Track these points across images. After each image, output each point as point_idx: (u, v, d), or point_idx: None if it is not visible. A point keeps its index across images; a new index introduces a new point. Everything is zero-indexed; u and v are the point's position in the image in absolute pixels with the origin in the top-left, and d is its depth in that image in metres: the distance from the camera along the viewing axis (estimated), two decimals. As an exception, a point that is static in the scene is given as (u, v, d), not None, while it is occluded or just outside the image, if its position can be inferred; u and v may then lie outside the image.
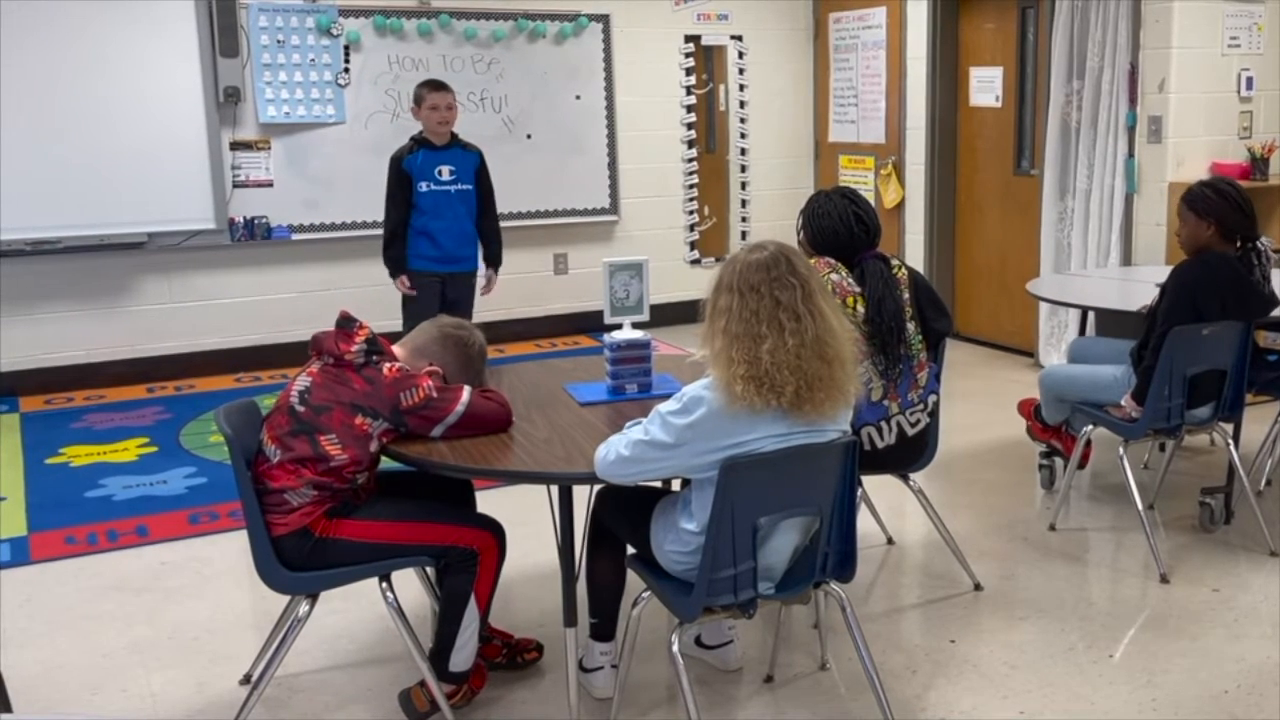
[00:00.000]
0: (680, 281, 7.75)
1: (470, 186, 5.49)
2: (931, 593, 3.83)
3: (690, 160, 8.20)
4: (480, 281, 5.67)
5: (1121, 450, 4.05)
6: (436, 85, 5.42)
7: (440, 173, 5.40)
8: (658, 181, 8.09)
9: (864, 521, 3.49)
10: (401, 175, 5.37)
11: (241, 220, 6.85)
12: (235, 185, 6.82)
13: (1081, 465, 4.41)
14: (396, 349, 3.05)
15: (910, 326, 3.51)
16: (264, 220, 6.91)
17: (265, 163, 6.90)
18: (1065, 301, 5.08)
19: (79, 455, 5.48)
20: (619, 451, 2.62)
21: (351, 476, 2.90)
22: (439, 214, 5.42)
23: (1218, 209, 3.91)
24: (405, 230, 5.42)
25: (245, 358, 7.05)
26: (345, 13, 6.96)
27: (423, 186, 5.38)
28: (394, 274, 5.48)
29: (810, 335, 2.53)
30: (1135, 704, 3.08)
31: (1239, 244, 3.98)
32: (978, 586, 3.81)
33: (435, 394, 2.89)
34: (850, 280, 3.46)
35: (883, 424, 3.53)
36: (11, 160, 6.17)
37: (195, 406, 6.28)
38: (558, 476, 2.83)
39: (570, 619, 2.94)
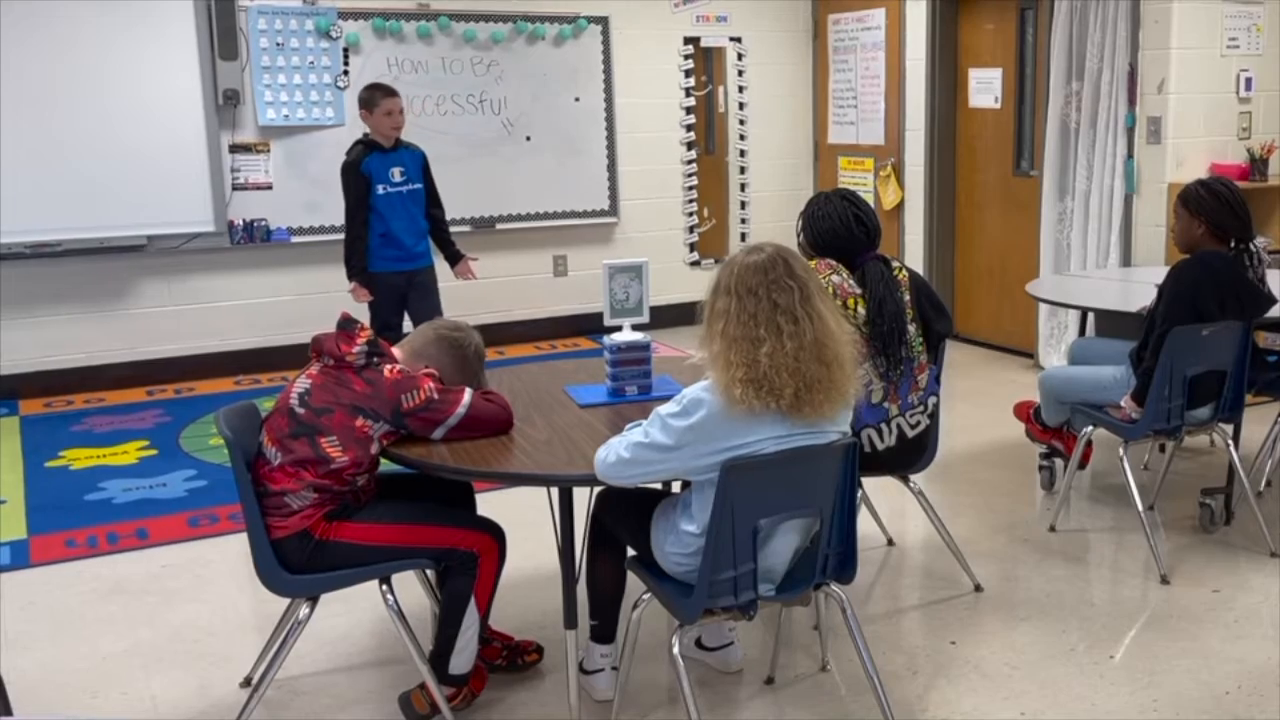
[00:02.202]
0: (680, 283, 7.74)
1: (420, 185, 5.61)
2: (932, 594, 3.83)
3: (690, 162, 8.20)
4: (468, 277, 5.78)
5: (1122, 451, 4.05)
6: (391, 90, 5.51)
7: (393, 174, 5.50)
8: (657, 183, 8.10)
9: (864, 523, 3.49)
10: (361, 179, 5.44)
11: (241, 223, 6.86)
12: (235, 188, 6.83)
13: (1082, 466, 4.41)
14: (395, 351, 3.05)
15: (911, 328, 3.51)
16: (263, 223, 6.92)
17: (265, 165, 6.90)
18: (1065, 302, 5.08)
19: (79, 458, 5.48)
20: (619, 453, 2.62)
21: (351, 478, 2.90)
22: (395, 215, 5.51)
23: (1209, 207, 3.92)
24: (367, 235, 5.49)
25: (245, 360, 7.05)
26: (344, 15, 6.97)
27: (380, 189, 5.47)
28: (358, 280, 5.51)
29: (809, 338, 2.53)
30: (1136, 705, 3.08)
31: (1232, 245, 3.98)
32: (978, 588, 3.81)
33: (436, 396, 2.89)
34: (851, 282, 3.46)
35: (883, 426, 3.53)
36: (11, 163, 6.17)
37: (195, 409, 6.28)
38: (558, 478, 2.83)
39: (570, 621, 2.94)
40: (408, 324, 5.70)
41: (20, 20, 6.13)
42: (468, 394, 2.95)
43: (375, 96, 5.46)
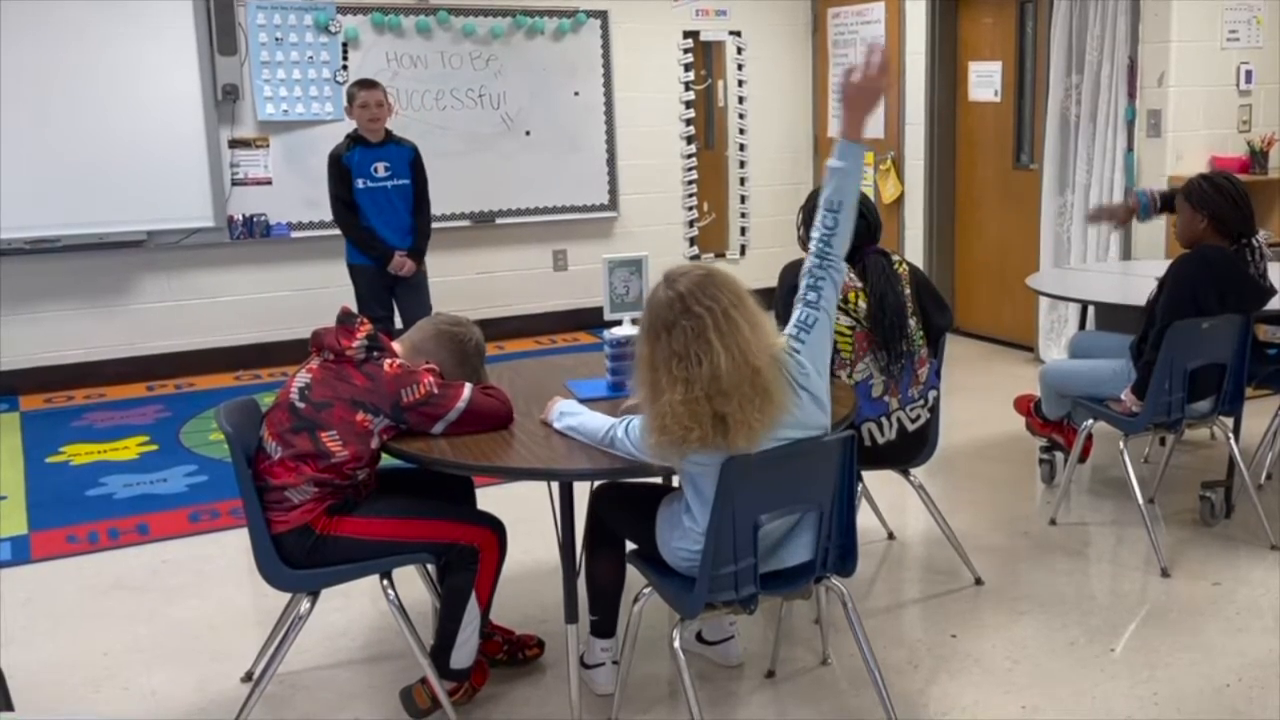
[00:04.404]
0: (680, 278, 7.72)
1: (406, 181, 5.62)
2: (932, 588, 3.83)
3: (689, 156, 8.19)
4: (399, 261, 5.61)
5: (1122, 444, 4.05)
6: (366, 84, 5.56)
7: (376, 169, 5.53)
8: (657, 178, 8.09)
9: (865, 517, 3.49)
10: (342, 170, 5.50)
11: (241, 218, 6.85)
12: (234, 183, 6.82)
13: (1082, 459, 4.41)
14: (395, 346, 3.05)
15: (911, 322, 3.51)
16: (263, 218, 6.91)
17: (264, 160, 6.90)
18: (1065, 296, 5.07)
19: (79, 454, 5.48)
20: (633, 449, 2.69)
21: (352, 473, 2.90)
22: (378, 210, 5.56)
23: (1212, 202, 3.92)
24: (357, 219, 5.53)
25: (245, 356, 7.05)
26: (343, 10, 6.96)
27: (360, 184, 5.51)
28: (387, 261, 5.55)
29: (705, 373, 2.48)
30: (1136, 698, 3.08)
31: (1234, 240, 3.97)
32: (979, 581, 3.82)
33: (436, 390, 2.89)
34: (852, 275, 3.46)
35: (883, 420, 3.53)
36: (11, 159, 6.17)
37: (195, 404, 6.28)
38: (558, 473, 2.83)
39: (571, 615, 2.94)
40: (398, 320, 5.72)
41: (20, 17, 6.12)
42: (467, 388, 2.95)
43: (351, 92, 5.56)
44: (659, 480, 3.23)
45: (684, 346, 2.50)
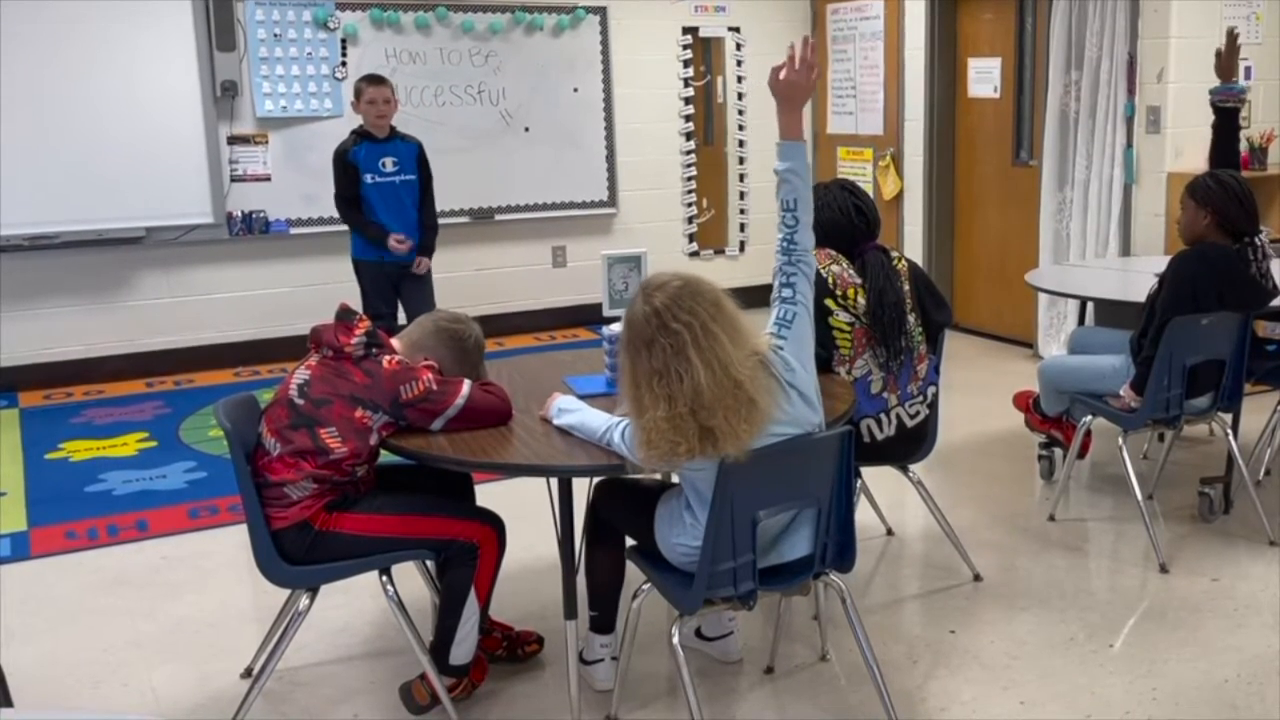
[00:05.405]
0: (679, 274, 7.72)
1: (413, 176, 5.62)
2: (931, 584, 3.83)
3: (688, 153, 8.19)
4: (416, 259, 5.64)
5: (1121, 440, 4.06)
6: (374, 80, 5.56)
7: (384, 165, 5.52)
8: (656, 174, 8.09)
9: (864, 513, 3.50)
10: (348, 167, 5.49)
11: (239, 214, 6.85)
12: (233, 179, 6.82)
13: (1081, 456, 4.42)
14: (394, 343, 3.05)
15: (910, 318, 3.51)
16: (262, 214, 6.91)
17: (263, 157, 6.90)
18: (1064, 292, 5.07)
19: (79, 450, 5.48)
20: (626, 450, 2.68)
21: (351, 469, 2.90)
22: (386, 206, 5.55)
23: (1217, 199, 3.91)
24: (362, 213, 5.53)
25: (244, 352, 7.05)
26: (342, 6, 6.95)
27: (368, 179, 5.51)
28: (383, 243, 5.52)
29: (688, 389, 2.49)
30: (1135, 694, 3.09)
31: (1237, 239, 3.96)
32: (978, 577, 3.82)
33: (435, 387, 2.89)
34: (851, 272, 3.46)
35: (882, 416, 3.53)
36: (10, 156, 6.17)
37: (194, 401, 6.28)
38: (557, 469, 2.83)
39: (570, 611, 2.94)
40: (402, 316, 5.71)
41: (19, 12, 6.11)
42: (466, 385, 2.95)
43: (359, 87, 5.56)
44: (658, 477, 3.23)
45: (664, 364, 2.51)
